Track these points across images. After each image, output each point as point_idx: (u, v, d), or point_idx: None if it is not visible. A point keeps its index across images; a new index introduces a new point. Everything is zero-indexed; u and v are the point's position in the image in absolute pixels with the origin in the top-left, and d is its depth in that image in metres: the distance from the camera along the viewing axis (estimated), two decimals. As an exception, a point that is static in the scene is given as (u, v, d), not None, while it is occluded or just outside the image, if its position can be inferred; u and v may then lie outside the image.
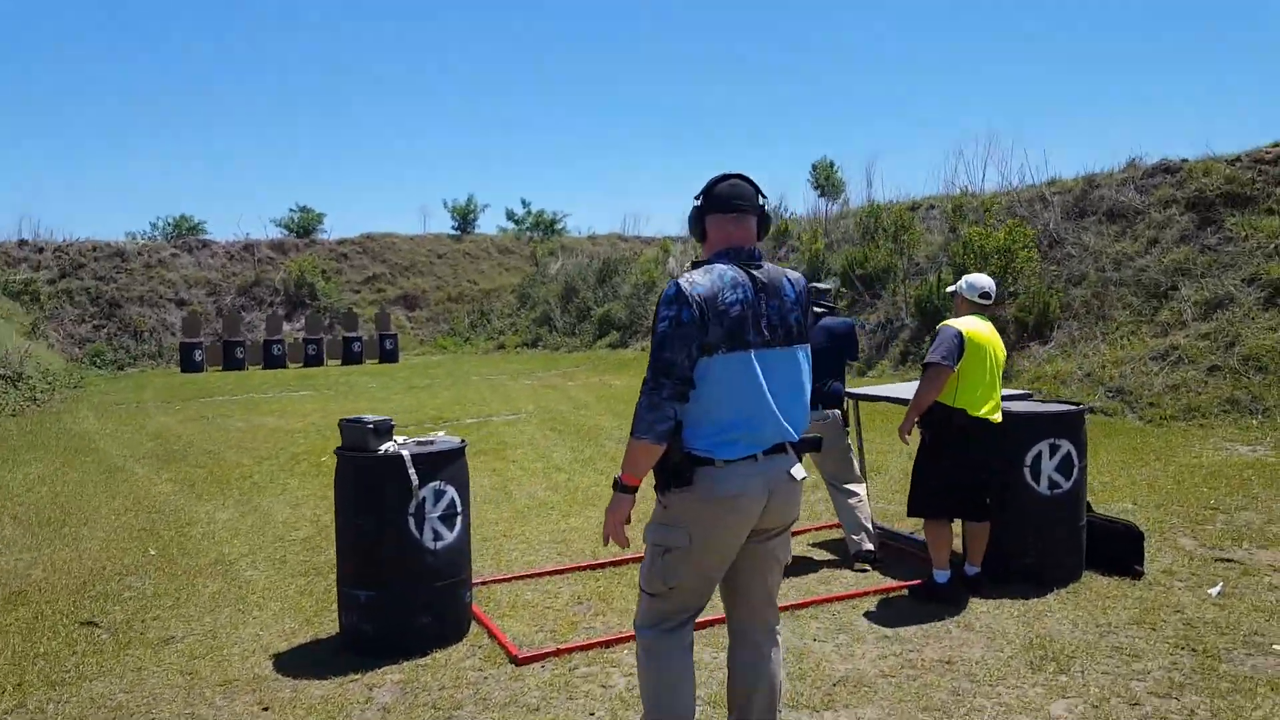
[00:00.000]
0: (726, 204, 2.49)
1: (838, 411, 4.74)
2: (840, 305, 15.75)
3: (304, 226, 29.15)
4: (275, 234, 28.40)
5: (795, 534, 5.25)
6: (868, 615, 3.95)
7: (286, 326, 23.75)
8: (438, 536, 3.72)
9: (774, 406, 2.41)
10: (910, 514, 4.30)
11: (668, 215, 52.28)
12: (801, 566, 4.69)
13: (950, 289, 4.51)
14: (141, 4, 57.97)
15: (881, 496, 6.01)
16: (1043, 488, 4.18)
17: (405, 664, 3.56)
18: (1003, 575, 4.21)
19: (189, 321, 21.22)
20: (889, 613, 3.97)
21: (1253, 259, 9.68)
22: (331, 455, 4.26)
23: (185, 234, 27.22)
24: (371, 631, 3.70)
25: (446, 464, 3.77)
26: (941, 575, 4.08)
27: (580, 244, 30.45)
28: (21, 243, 22.93)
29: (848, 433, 4.84)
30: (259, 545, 5.44)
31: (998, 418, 4.09)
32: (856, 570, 4.58)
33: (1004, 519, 4.22)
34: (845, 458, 4.79)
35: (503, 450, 8.55)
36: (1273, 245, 9.63)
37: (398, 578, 3.67)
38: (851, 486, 4.75)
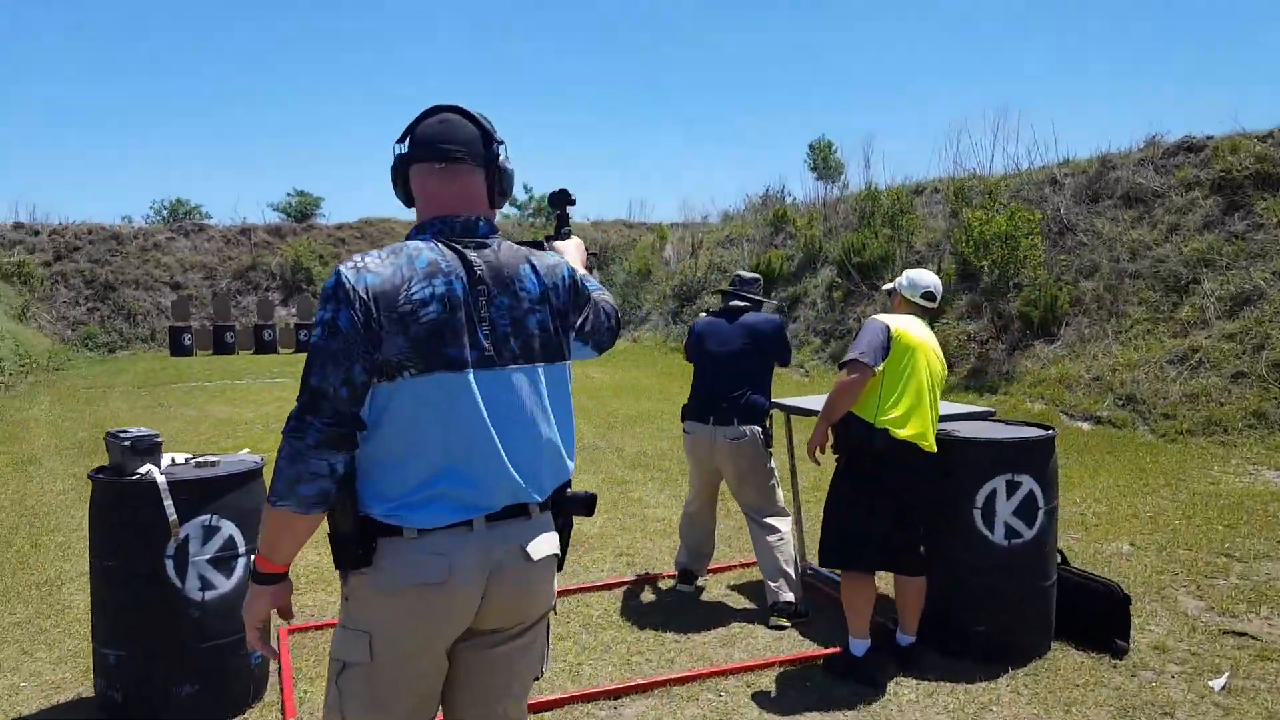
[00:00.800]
0: (431, 149, 1.66)
1: (758, 429, 3.88)
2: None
3: (302, 211, 28.63)
4: (273, 219, 27.89)
5: (714, 571, 4.41)
6: (760, 700, 3.09)
7: (282, 311, 23.24)
8: (207, 585, 2.93)
9: (503, 451, 1.61)
10: (821, 562, 3.44)
11: (673, 201, 51.15)
12: (709, 618, 3.86)
13: (888, 286, 3.65)
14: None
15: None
16: (998, 536, 3.30)
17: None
18: (947, 647, 3.35)
19: (178, 305, 20.71)
20: (794, 693, 3.12)
21: (1288, 250, 8.60)
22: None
23: (182, 218, 26.74)
24: (121, 699, 2.94)
25: (225, 492, 2.98)
26: (859, 646, 3.22)
27: (583, 230, 29.66)
28: (17, 225, 22.54)
29: (770, 454, 3.97)
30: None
31: (929, 444, 3.23)
32: (772, 626, 3.72)
33: (948, 575, 3.35)
34: (766, 486, 3.93)
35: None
36: (1311, 235, 8.56)
37: (151, 635, 2.91)
38: (773, 521, 3.89)
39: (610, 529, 5.28)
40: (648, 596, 4.16)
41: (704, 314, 4.24)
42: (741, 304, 4.09)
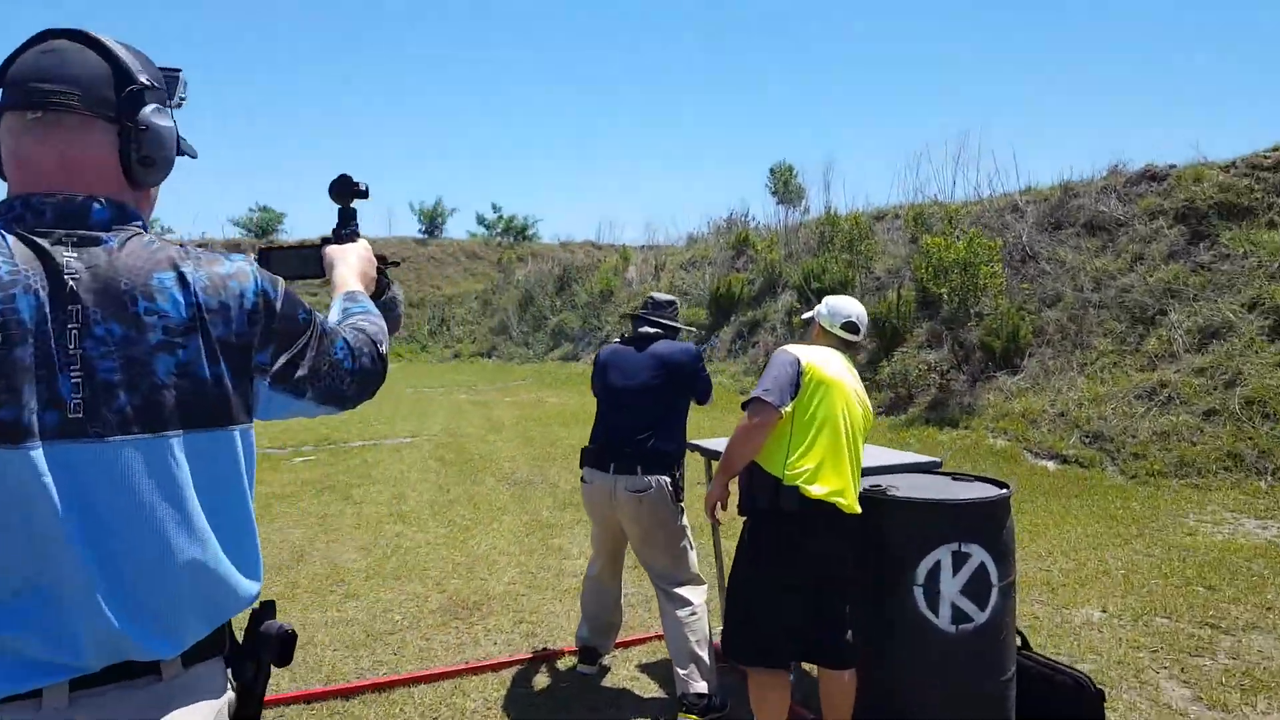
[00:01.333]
0: (20, 91, 1.08)
1: (665, 479, 3.27)
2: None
3: (263, 226, 27.91)
4: (233, 234, 27.09)
5: (624, 645, 3.78)
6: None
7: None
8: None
9: (98, 578, 1.00)
10: (726, 655, 2.83)
11: (641, 222, 50.80)
12: (611, 708, 3.22)
13: (807, 315, 3.11)
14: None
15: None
16: (943, 620, 2.70)
17: None
18: (883, 753, 2.74)
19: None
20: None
21: (1253, 280, 8.21)
22: None
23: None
24: None
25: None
26: (775, 760, 2.61)
27: (551, 250, 29.20)
28: None
29: (683, 509, 3.36)
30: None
31: (849, 503, 2.65)
32: (680, 722, 3.10)
33: (882, 667, 2.75)
34: (676, 548, 3.31)
35: (358, 486, 7.07)
36: (1276, 264, 8.18)
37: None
38: (685, 591, 3.27)
39: (518, 586, 4.63)
40: (542, 680, 3.51)
41: (613, 339, 3.63)
42: (652, 330, 3.49)
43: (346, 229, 1.60)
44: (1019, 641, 2.96)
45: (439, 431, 10.21)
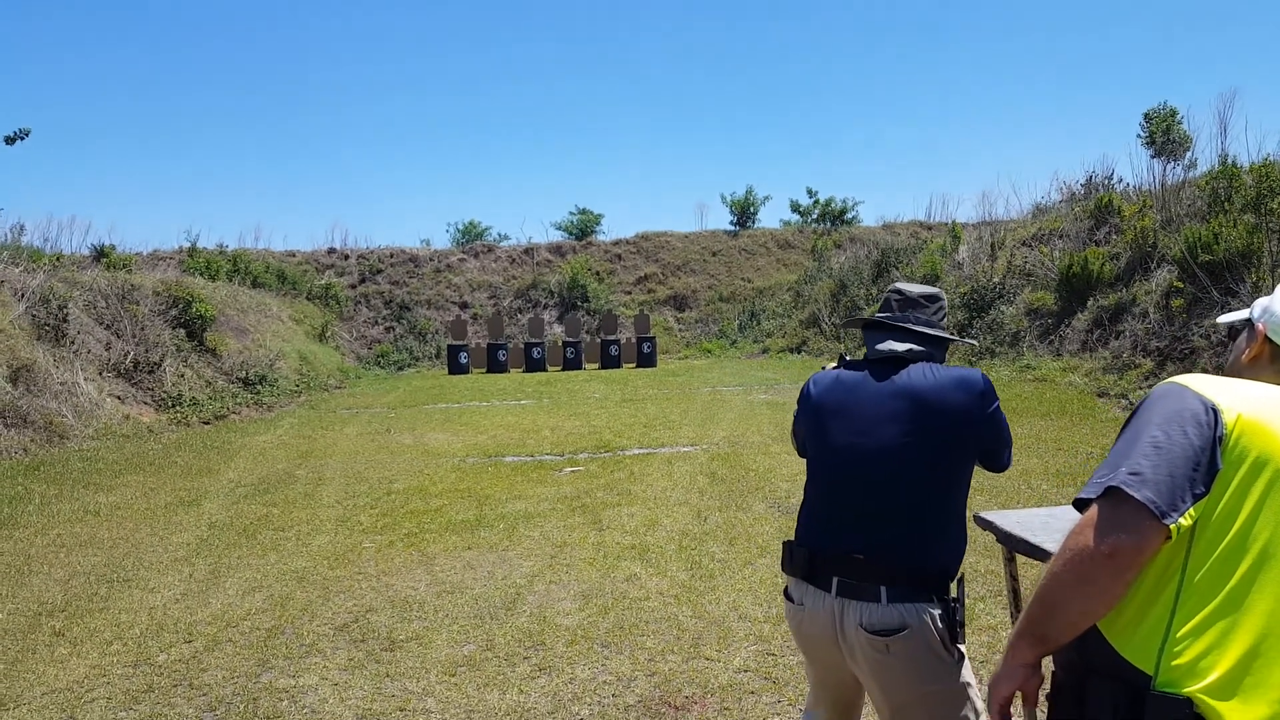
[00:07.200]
0: None
1: (932, 611, 1.93)
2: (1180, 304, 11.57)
3: (582, 228, 29.37)
4: (555, 237, 28.84)
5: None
6: None
7: (558, 329, 23.66)
8: None
9: None
10: None
11: (975, 195, 45.54)
12: None
13: (1231, 318, 1.60)
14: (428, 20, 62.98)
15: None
16: None
17: None
18: None
19: (456, 325, 21.77)
20: None
21: None
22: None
23: (474, 239, 28.50)
24: None
25: None
26: None
27: (872, 234, 27.18)
28: (330, 250, 25.29)
29: (962, 656, 1.99)
30: (98, 671, 3.86)
31: None
32: None
33: None
34: None
35: (613, 507, 6.39)
36: None
37: None
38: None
39: (749, 678, 3.49)
40: None
41: (831, 365, 2.34)
42: (902, 347, 2.15)
43: None
44: None
45: (721, 440, 9.31)
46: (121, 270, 16.17)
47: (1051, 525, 2.37)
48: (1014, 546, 2.34)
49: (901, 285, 2.28)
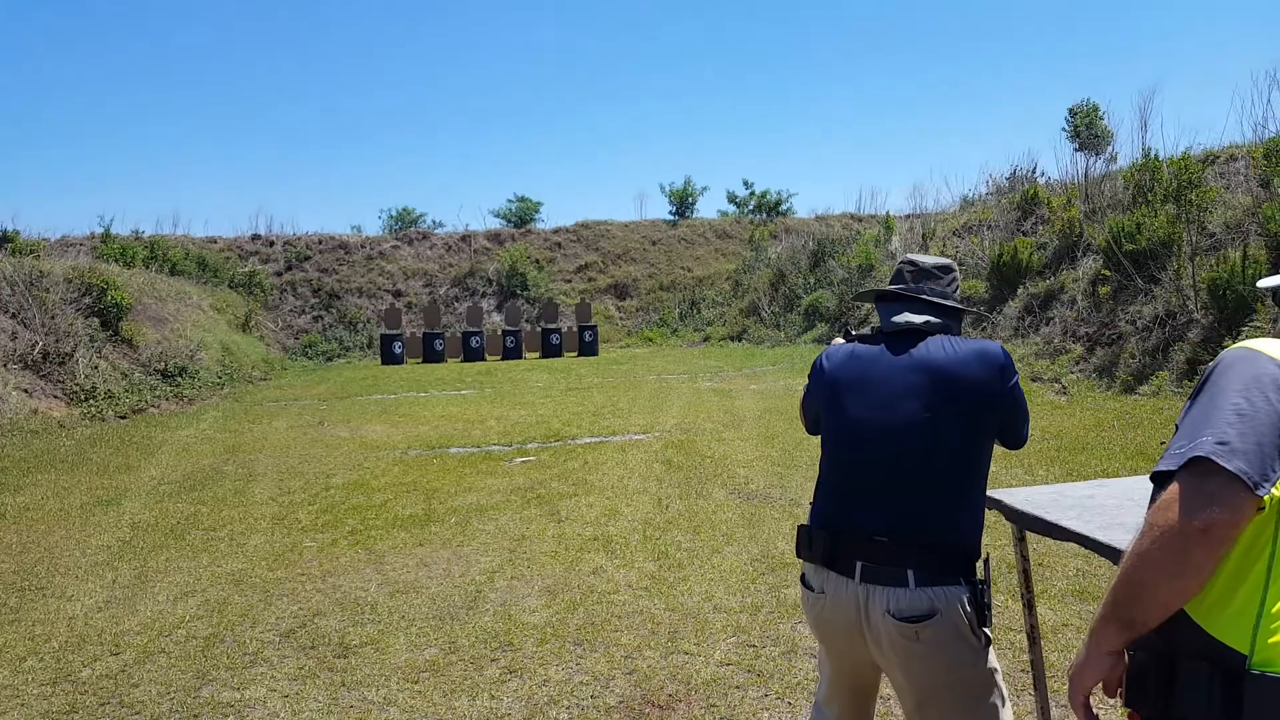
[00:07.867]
0: None
1: (960, 593, 1.81)
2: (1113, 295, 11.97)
3: (521, 216, 28.88)
4: (493, 224, 28.31)
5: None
6: None
7: (497, 318, 23.21)
8: None
9: None
10: None
11: (905, 188, 46.58)
12: None
13: (1273, 281, 1.48)
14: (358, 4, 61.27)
15: None
16: None
17: None
18: None
19: (389, 314, 21.14)
20: None
21: None
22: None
23: (408, 226, 27.75)
24: None
25: None
26: None
27: (806, 225, 27.46)
28: (254, 237, 24.27)
29: (988, 640, 1.87)
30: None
31: None
32: None
33: None
34: (979, 712, 1.85)
35: (570, 498, 6.18)
36: None
37: None
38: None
39: (732, 671, 3.34)
40: None
41: (841, 338, 2.20)
42: (919, 319, 2.02)
43: None
44: None
45: (673, 427, 9.18)
46: (29, 256, 15.16)
47: (1061, 501, 2.29)
48: (1026, 525, 2.25)
49: (914, 256, 2.15)
